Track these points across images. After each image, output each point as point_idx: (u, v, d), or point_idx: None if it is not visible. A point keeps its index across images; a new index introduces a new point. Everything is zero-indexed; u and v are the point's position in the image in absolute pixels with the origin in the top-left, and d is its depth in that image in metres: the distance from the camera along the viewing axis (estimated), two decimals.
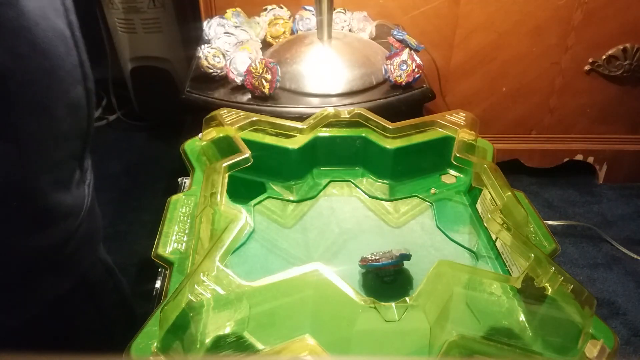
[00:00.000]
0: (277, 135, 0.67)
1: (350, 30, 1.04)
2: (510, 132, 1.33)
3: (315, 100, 0.82)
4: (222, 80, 0.87)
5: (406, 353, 0.43)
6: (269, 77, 0.79)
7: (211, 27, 0.98)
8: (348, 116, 0.69)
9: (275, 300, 0.43)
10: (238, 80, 0.84)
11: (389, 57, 0.84)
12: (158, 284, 0.54)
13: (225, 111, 0.68)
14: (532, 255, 0.45)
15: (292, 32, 1.02)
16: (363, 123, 0.69)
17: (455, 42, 1.20)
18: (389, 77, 0.84)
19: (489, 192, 0.58)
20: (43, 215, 0.44)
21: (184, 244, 0.52)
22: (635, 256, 1.14)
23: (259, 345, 0.41)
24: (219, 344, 0.41)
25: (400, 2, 1.14)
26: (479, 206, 0.64)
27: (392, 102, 0.83)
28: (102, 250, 0.59)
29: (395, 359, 0.42)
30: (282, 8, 1.04)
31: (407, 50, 0.84)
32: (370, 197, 0.68)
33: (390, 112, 0.76)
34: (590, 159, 1.37)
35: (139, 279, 1.08)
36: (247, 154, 0.59)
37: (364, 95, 0.84)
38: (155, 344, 0.40)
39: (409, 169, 0.69)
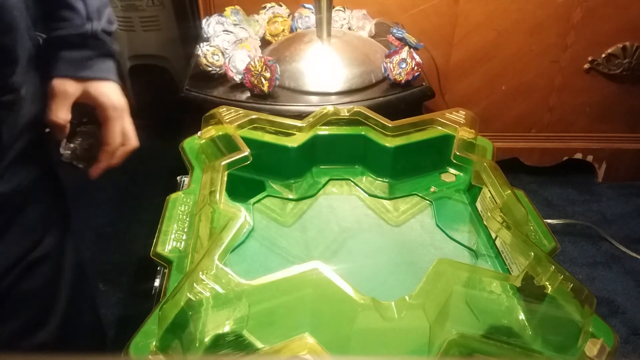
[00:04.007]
0: (276, 133, 0.67)
1: (349, 29, 1.03)
2: (509, 131, 1.33)
3: (314, 99, 0.82)
4: (221, 78, 0.87)
5: (406, 352, 0.43)
6: (268, 75, 0.79)
7: (210, 25, 0.97)
8: (347, 114, 0.69)
9: (275, 299, 0.43)
10: (237, 78, 0.84)
11: (389, 55, 0.84)
12: (157, 283, 0.54)
13: (224, 109, 0.68)
14: (532, 253, 0.45)
15: (291, 30, 1.02)
16: (362, 121, 0.69)
17: (454, 41, 1.20)
18: (388, 75, 0.84)
19: (489, 191, 0.58)
20: None
21: (183, 242, 0.52)
22: (634, 255, 1.14)
23: (259, 344, 0.41)
24: (218, 342, 0.41)
25: (400, 0, 1.14)
26: (478, 204, 0.64)
27: (392, 100, 0.83)
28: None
29: (395, 358, 0.42)
30: (281, 6, 1.04)
31: (406, 48, 0.83)
32: (370, 195, 0.68)
33: (390, 110, 0.76)
34: (590, 158, 1.37)
35: (137, 277, 1.08)
36: (246, 152, 0.58)
37: (364, 93, 0.84)
38: (154, 343, 0.40)
39: (408, 168, 0.69)
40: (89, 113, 0.57)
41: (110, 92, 0.55)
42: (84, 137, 0.58)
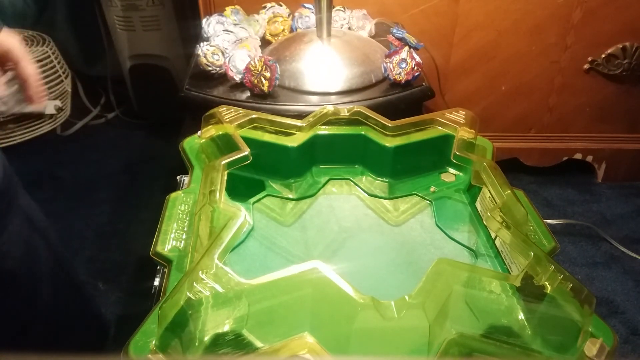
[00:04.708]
0: (276, 133, 0.67)
1: (349, 28, 1.03)
2: (509, 131, 1.33)
3: (314, 98, 0.82)
4: (221, 78, 0.87)
5: (405, 351, 0.43)
6: (268, 74, 0.79)
7: (210, 24, 0.97)
8: (347, 114, 0.69)
9: (274, 298, 0.43)
10: (237, 78, 0.84)
11: (389, 55, 0.84)
12: (157, 282, 0.54)
13: (224, 109, 0.68)
14: (532, 253, 0.45)
15: (292, 30, 1.02)
16: (362, 121, 0.69)
17: (454, 41, 1.20)
18: (388, 75, 0.84)
19: (489, 191, 0.58)
20: None
21: (182, 241, 0.52)
22: (634, 255, 1.14)
23: (258, 343, 0.41)
24: (218, 342, 0.41)
25: (400, 0, 1.14)
26: (478, 204, 0.64)
27: (392, 100, 0.83)
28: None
29: (395, 358, 0.42)
30: (281, 6, 1.04)
31: (406, 48, 0.83)
32: (370, 195, 0.68)
33: (390, 110, 0.76)
34: (589, 158, 1.37)
35: (137, 276, 1.08)
36: (246, 151, 0.58)
37: (364, 93, 0.84)
38: (153, 342, 0.40)
39: (408, 167, 0.69)
40: None
41: (8, 37, 0.59)
42: (9, 84, 0.61)
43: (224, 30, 0.91)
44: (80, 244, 1.17)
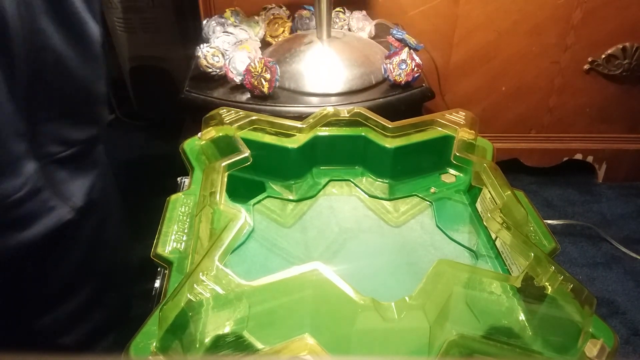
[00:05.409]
0: (276, 134, 0.67)
1: (349, 30, 1.04)
2: (509, 132, 1.33)
3: (314, 100, 0.82)
4: (221, 79, 0.87)
5: (406, 352, 0.43)
6: (268, 76, 0.79)
7: (210, 26, 0.97)
8: (347, 115, 0.69)
9: (275, 300, 0.43)
10: (237, 79, 0.84)
11: (388, 57, 0.84)
12: (157, 284, 0.54)
13: (224, 110, 0.68)
14: (532, 254, 0.45)
15: (292, 32, 1.02)
16: (362, 122, 0.69)
17: (454, 41, 1.20)
18: (388, 76, 0.84)
19: (489, 191, 0.58)
20: None
21: (183, 243, 0.52)
22: (634, 255, 1.14)
23: (259, 345, 0.41)
24: (219, 343, 0.41)
25: (400, 1, 1.14)
26: (478, 205, 0.64)
27: (392, 101, 0.83)
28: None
29: (395, 359, 0.42)
30: (281, 7, 1.04)
31: (406, 49, 0.84)
32: (370, 196, 0.68)
33: (390, 111, 0.76)
34: (590, 158, 1.37)
35: (138, 278, 1.08)
36: (247, 153, 0.59)
37: (364, 94, 0.84)
38: (154, 344, 0.40)
39: (408, 168, 0.69)
40: None
41: None
42: None
43: (224, 32, 0.91)
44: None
